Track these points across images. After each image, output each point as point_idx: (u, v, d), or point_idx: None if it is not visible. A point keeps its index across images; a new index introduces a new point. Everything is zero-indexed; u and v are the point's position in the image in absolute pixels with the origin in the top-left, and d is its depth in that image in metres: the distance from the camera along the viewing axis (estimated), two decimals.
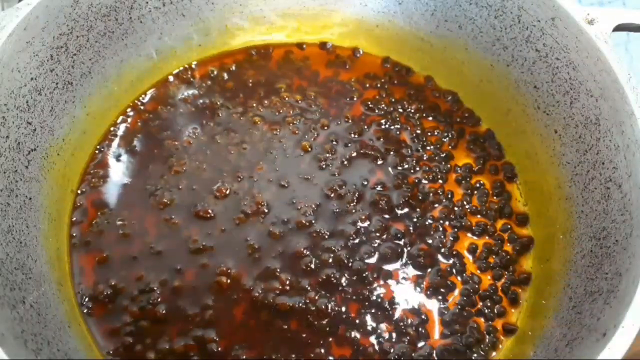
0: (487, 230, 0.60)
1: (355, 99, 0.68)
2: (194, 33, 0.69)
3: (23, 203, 0.51)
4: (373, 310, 0.54)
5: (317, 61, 0.72)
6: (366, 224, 0.59)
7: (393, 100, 0.68)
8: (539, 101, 0.60)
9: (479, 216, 0.61)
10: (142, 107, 0.66)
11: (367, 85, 0.69)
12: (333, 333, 0.53)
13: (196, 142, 0.64)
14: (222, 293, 0.54)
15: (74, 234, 0.57)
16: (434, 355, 0.52)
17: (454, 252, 0.58)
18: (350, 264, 0.56)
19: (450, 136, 0.66)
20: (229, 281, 0.54)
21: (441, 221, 0.60)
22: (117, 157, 0.62)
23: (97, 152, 0.62)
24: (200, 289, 0.54)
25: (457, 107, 0.69)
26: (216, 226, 0.58)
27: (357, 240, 0.58)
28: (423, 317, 0.54)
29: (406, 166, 0.63)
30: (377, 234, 0.58)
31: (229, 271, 0.55)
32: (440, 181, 0.63)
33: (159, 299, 0.53)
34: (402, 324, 0.54)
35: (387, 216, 0.59)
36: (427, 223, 0.59)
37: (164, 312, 0.52)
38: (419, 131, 0.66)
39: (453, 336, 0.54)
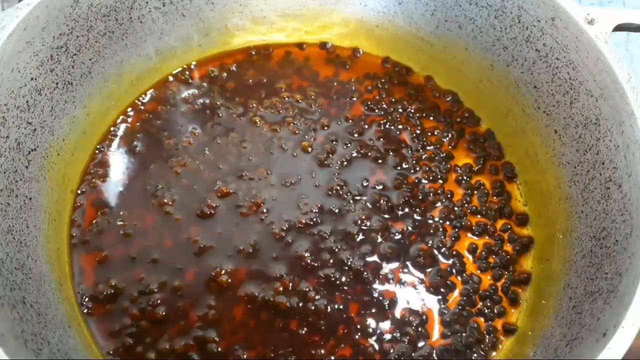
0: (487, 230, 0.60)
1: (355, 99, 0.68)
2: (194, 33, 0.69)
3: (23, 203, 0.51)
4: (373, 310, 0.54)
5: (317, 61, 0.72)
6: (366, 224, 0.59)
7: (393, 100, 0.68)
8: (539, 101, 0.60)
9: (479, 216, 0.61)
10: (142, 107, 0.66)
11: (367, 85, 0.69)
12: (333, 333, 0.53)
13: (196, 142, 0.64)
14: (222, 293, 0.54)
15: (74, 234, 0.57)
16: (434, 355, 0.53)
17: (454, 252, 0.58)
18: (350, 264, 0.56)
19: (450, 136, 0.66)
20: (229, 281, 0.54)
21: (441, 221, 0.60)
22: (117, 157, 0.62)
23: (97, 152, 0.62)
24: (200, 289, 0.54)
25: (457, 107, 0.69)
26: (216, 226, 0.58)
27: (357, 240, 0.58)
28: (423, 317, 0.54)
29: (406, 166, 0.63)
30: (377, 234, 0.58)
31: (229, 271, 0.55)
32: (440, 181, 0.63)
33: (159, 299, 0.53)
34: (402, 324, 0.54)
35: (387, 216, 0.59)
36: (427, 223, 0.59)
37: (164, 312, 0.53)
38: (419, 131, 0.66)
39: (453, 336, 0.54)
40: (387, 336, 0.53)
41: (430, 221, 0.60)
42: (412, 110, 0.68)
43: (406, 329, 0.53)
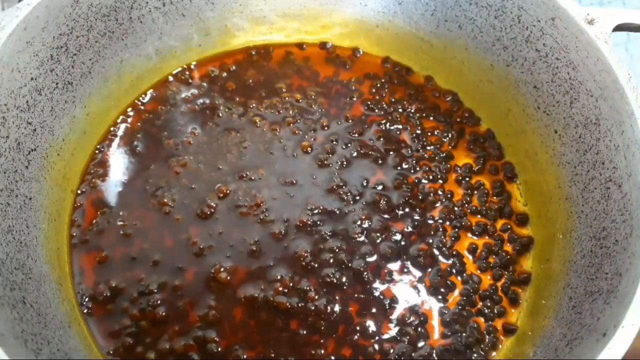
0: (487, 230, 0.60)
1: (355, 99, 0.68)
2: (194, 33, 0.69)
3: (23, 203, 0.51)
4: (373, 310, 0.54)
5: (317, 61, 0.72)
6: (366, 224, 0.59)
7: (393, 100, 0.68)
8: (539, 101, 0.60)
9: (479, 216, 0.61)
10: (142, 107, 0.66)
11: (367, 85, 0.69)
12: (333, 333, 0.53)
13: (196, 142, 0.64)
14: (222, 293, 0.54)
15: (74, 234, 0.57)
16: (434, 355, 0.53)
17: (454, 252, 0.58)
18: (350, 264, 0.56)
19: (450, 136, 0.66)
20: (228, 278, 0.54)
21: (441, 221, 0.60)
22: (117, 157, 0.62)
23: (97, 152, 0.62)
24: (200, 289, 0.54)
25: (457, 107, 0.69)
26: (216, 226, 0.58)
27: (357, 240, 0.58)
28: (423, 317, 0.54)
29: (406, 166, 0.63)
30: (377, 234, 0.58)
31: (229, 271, 0.55)
32: (440, 181, 0.63)
33: (159, 299, 0.53)
34: (402, 324, 0.54)
35: (387, 216, 0.59)
36: (427, 223, 0.59)
37: (163, 312, 0.52)
38: (419, 131, 0.66)
39: (453, 336, 0.54)
40: (387, 336, 0.53)
41: (430, 221, 0.60)
42: (412, 110, 0.68)
43: (406, 329, 0.53)
